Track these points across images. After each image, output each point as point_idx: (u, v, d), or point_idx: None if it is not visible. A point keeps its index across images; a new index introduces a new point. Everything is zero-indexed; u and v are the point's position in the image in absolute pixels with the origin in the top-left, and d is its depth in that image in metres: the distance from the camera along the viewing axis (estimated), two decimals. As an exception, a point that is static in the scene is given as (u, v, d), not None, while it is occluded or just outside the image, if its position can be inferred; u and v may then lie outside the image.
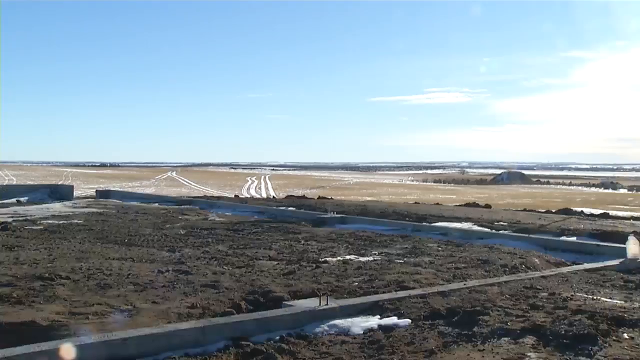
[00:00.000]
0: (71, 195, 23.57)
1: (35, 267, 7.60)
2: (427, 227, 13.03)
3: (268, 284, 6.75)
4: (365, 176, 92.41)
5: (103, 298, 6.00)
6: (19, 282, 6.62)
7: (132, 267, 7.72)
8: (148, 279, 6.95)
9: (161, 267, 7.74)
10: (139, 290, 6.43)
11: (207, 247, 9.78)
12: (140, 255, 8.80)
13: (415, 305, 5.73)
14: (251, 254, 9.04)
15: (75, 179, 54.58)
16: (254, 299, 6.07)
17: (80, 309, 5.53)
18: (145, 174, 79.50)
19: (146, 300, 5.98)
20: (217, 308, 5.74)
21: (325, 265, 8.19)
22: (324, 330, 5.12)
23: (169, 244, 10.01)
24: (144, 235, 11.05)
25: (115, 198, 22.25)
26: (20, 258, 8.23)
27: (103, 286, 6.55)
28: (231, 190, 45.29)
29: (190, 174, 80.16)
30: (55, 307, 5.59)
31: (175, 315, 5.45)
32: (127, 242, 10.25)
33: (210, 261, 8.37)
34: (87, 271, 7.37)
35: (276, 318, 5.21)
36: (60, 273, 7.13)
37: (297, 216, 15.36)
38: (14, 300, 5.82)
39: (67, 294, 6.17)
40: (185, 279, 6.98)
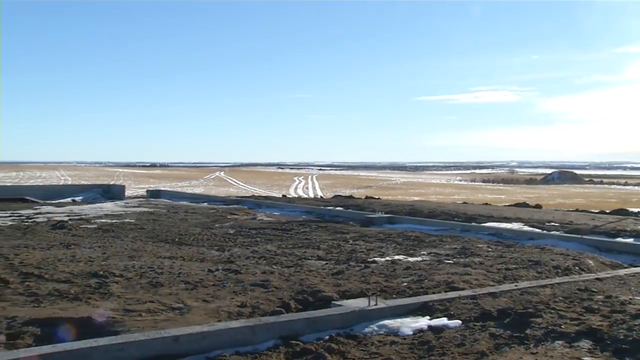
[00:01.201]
0: (123, 195, 24.10)
1: (91, 264, 7.80)
2: (476, 227, 12.85)
3: (317, 283, 6.76)
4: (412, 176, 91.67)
5: (155, 296, 6.10)
6: (76, 279, 6.82)
7: (183, 266, 7.85)
8: (198, 278, 7.05)
9: (211, 266, 7.85)
10: (189, 288, 6.52)
11: (256, 246, 9.87)
12: (191, 254, 8.93)
13: (466, 306, 5.65)
14: (300, 254, 9.08)
15: (127, 179, 55.74)
16: (303, 299, 6.09)
17: (133, 306, 5.64)
18: (193, 174, 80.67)
19: (197, 298, 6.06)
20: (267, 307, 5.77)
21: (374, 265, 8.16)
22: (373, 331, 5.09)
23: (219, 243, 10.13)
24: (193, 235, 11.21)
25: (165, 198, 22.64)
26: (76, 256, 8.47)
27: (155, 284, 6.67)
28: (278, 190, 45.55)
29: (238, 174, 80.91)
30: (110, 304, 5.72)
31: (226, 313, 5.50)
32: (177, 241, 10.42)
33: (259, 260, 8.44)
34: (139, 269, 7.52)
35: (325, 318, 5.20)
36: (114, 271, 7.31)
37: (344, 216, 15.35)
38: (71, 297, 5.99)
39: (120, 291, 6.31)
40: (234, 278, 7.06)
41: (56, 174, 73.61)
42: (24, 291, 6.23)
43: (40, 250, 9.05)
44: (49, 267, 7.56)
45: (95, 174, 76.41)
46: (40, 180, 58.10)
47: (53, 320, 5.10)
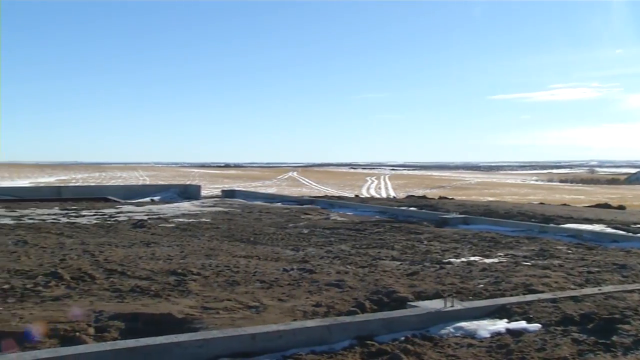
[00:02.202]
0: (199, 194, 24.67)
1: (169, 262, 8.03)
2: (555, 228, 12.46)
3: (392, 284, 6.73)
4: (486, 176, 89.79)
5: (232, 294, 6.22)
6: (156, 277, 7.04)
7: (258, 265, 7.97)
8: (274, 277, 7.14)
9: (286, 266, 7.93)
10: (265, 287, 6.61)
11: (330, 246, 9.91)
12: (266, 253, 9.05)
13: (545, 310, 5.49)
14: (374, 254, 9.06)
15: (202, 179, 57.00)
16: (378, 299, 6.07)
17: (211, 304, 5.76)
18: (267, 174, 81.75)
19: (272, 297, 6.14)
20: (342, 307, 5.78)
21: (449, 266, 8.05)
22: (450, 332, 5.02)
23: (293, 243, 10.23)
24: (268, 234, 11.36)
25: (239, 197, 23.02)
26: (156, 254, 8.74)
27: (231, 283, 6.80)
28: (351, 190, 45.56)
29: (311, 174, 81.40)
30: (189, 302, 5.87)
31: (301, 313, 5.55)
32: (252, 240, 10.59)
33: (333, 260, 8.47)
34: (216, 268, 7.69)
35: (401, 318, 5.16)
36: (191, 269, 7.50)
37: (418, 216, 15.20)
38: (152, 293, 6.18)
39: (198, 289, 6.46)
40: (309, 278, 7.11)
41: (135, 174, 76.12)
42: (108, 287, 6.48)
43: (123, 248, 9.39)
44: (131, 264, 7.83)
45: (171, 174, 78.57)
46: (120, 180, 60.25)
47: (136, 316, 5.27)
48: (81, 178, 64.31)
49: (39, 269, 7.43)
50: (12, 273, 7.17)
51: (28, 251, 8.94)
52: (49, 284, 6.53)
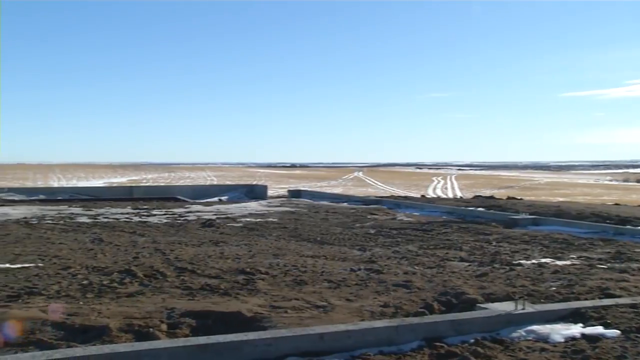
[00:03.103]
0: (265, 194, 24.98)
1: (238, 261, 8.16)
2: (632, 230, 11.99)
3: (460, 285, 6.63)
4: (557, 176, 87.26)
5: (300, 294, 6.26)
6: (225, 275, 7.17)
7: (326, 265, 8.00)
8: (341, 277, 7.15)
9: (353, 266, 7.93)
10: (332, 287, 6.63)
11: (397, 246, 9.85)
12: (333, 253, 9.08)
13: (625, 315, 5.29)
14: (442, 255, 8.95)
15: (268, 179, 57.55)
16: (447, 300, 5.99)
17: (279, 303, 5.82)
18: (332, 174, 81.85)
19: (340, 297, 6.15)
20: (410, 308, 5.74)
21: (520, 267, 7.87)
22: (521, 336, 4.91)
23: (360, 243, 10.22)
24: (335, 234, 11.39)
25: (306, 197, 23.17)
26: (224, 253, 8.90)
27: (299, 282, 6.85)
28: (417, 190, 45.09)
29: (376, 174, 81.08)
30: (257, 300, 5.94)
31: (369, 313, 5.53)
32: (319, 240, 10.63)
33: (400, 261, 8.42)
34: (283, 267, 7.76)
35: (471, 320, 5.08)
36: (259, 268, 7.60)
37: (486, 217, 14.92)
38: (221, 292, 6.30)
39: (267, 288, 6.54)
40: (377, 278, 7.09)
41: (203, 175, 77.60)
42: (179, 284, 6.64)
43: (192, 246, 9.60)
44: (200, 263, 8.00)
45: (238, 174, 79.70)
46: (189, 180, 61.53)
47: (206, 313, 5.38)
48: (151, 178, 66.05)
49: (114, 266, 7.69)
50: (90, 269, 7.45)
51: (104, 249, 9.26)
52: (124, 281, 6.75)
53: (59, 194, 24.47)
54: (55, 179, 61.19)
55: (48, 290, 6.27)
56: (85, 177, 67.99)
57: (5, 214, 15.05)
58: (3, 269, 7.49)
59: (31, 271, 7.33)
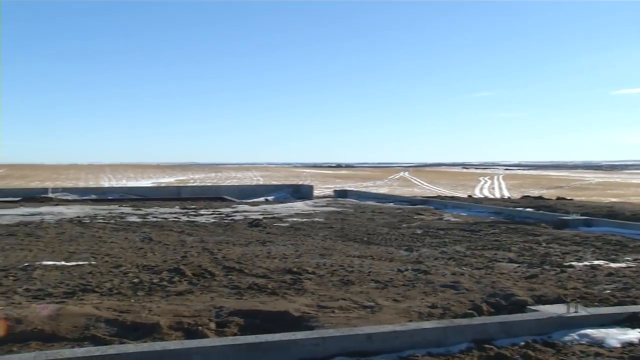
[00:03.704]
0: (311, 194, 25.05)
1: (285, 261, 8.20)
2: (690, 232, 11.60)
3: (510, 286, 6.52)
4: (609, 175, 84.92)
5: (347, 294, 6.26)
6: (272, 275, 7.22)
7: (372, 265, 7.97)
8: (388, 277, 7.12)
9: (400, 266, 7.89)
10: (380, 287, 6.61)
11: (444, 247, 9.75)
12: (379, 253, 9.05)
13: (684, 320, 5.12)
14: (490, 256, 8.82)
15: (313, 179, 57.65)
16: (495, 302, 5.90)
17: (326, 303, 5.82)
18: (378, 174, 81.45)
19: (387, 297, 6.12)
20: (458, 309, 5.68)
21: (571, 269, 7.70)
22: (574, 340, 4.79)
23: (407, 243, 10.16)
24: (381, 234, 11.35)
25: (351, 197, 23.15)
26: (271, 252, 8.96)
27: (346, 282, 6.85)
28: (463, 190, 44.52)
29: (422, 174, 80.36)
30: (304, 300, 5.96)
31: (416, 314, 5.49)
32: (366, 240, 10.61)
33: (448, 261, 8.33)
34: (330, 267, 7.77)
35: (521, 322, 4.99)
36: (306, 268, 7.62)
37: (535, 217, 14.65)
38: (269, 291, 6.34)
39: (314, 288, 6.55)
40: (424, 279, 7.04)
41: (249, 175, 78.23)
42: (227, 284, 6.71)
43: (240, 246, 9.69)
44: (248, 262, 8.07)
45: (284, 174, 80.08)
46: (235, 180, 62.07)
47: (254, 312, 5.41)
48: (198, 178, 66.88)
49: (164, 265, 7.83)
50: (140, 268, 7.60)
51: (153, 248, 9.43)
52: (173, 280, 6.86)
53: (110, 193, 25.05)
54: (105, 179, 62.58)
55: (101, 287, 6.42)
56: (135, 177, 69.34)
57: (60, 213, 15.49)
58: (59, 266, 7.71)
59: (85, 269, 7.52)
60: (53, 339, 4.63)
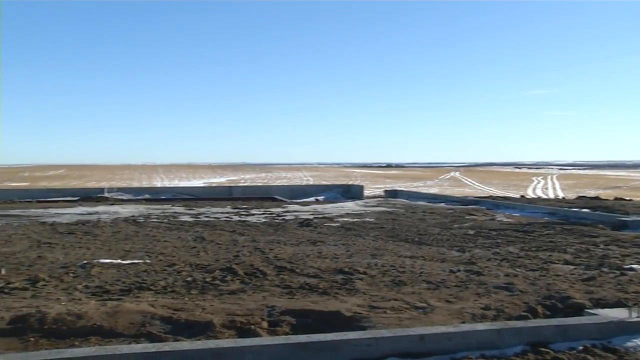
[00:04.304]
0: (361, 194, 25.00)
1: (336, 261, 8.21)
2: None
3: (566, 289, 6.37)
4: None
5: (398, 294, 6.22)
6: (324, 275, 7.23)
7: (424, 266, 7.90)
8: (440, 278, 7.05)
9: (452, 267, 7.80)
10: (432, 288, 6.54)
11: (497, 248, 9.59)
12: (431, 254, 8.96)
13: None
14: (544, 257, 8.63)
15: (363, 179, 57.57)
16: (551, 304, 5.76)
17: (378, 303, 5.80)
18: (428, 174, 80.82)
19: (439, 298, 6.05)
20: (512, 311, 5.57)
21: (632, 272, 7.46)
22: (637, 346, 4.62)
23: (458, 244, 10.03)
24: (432, 235, 11.24)
25: (402, 197, 23.02)
26: (322, 252, 8.98)
27: (398, 283, 6.80)
28: (516, 190, 43.76)
29: (473, 174, 79.36)
30: (356, 300, 5.95)
31: (469, 315, 5.42)
32: (417, 240, 10.53)
33: (501, 262, 8.19)
34: (381, 267, 7.74)
35: (579, 326, 4.86)
36: (358, 268, 7.61)
37: (592, 218, 14.27)
38: (320, 291, 6.36)
39: (365, 288, 6.54)
40: (477, 280, 6.94)
41: (299, 175, 78.63)
42: (279, 283, 6.75)
43: (291, 246, 9.74)
44: (299, 262, 8.10)
45: (334, 174, 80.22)
46: (285, 180, 62.47)
47: (306, 312, 5.43)
48: (249, 178, 67.59)
49: (216, 264, 7.93)
50: (193, 267, 7.72)
51: (206, 247, 9.57)
52: (226, 279, 6.94)
53: (163, 193, 25.54)
54: (158, 180, 63.84)
55: (156, 285, 6.55)
56: (187, 177, 70.53)
57: (115, 212, 15.88)
58: (115, 264, 7.90)
59: (140, 267, 7.68)
60: (111, 334, 4.75)
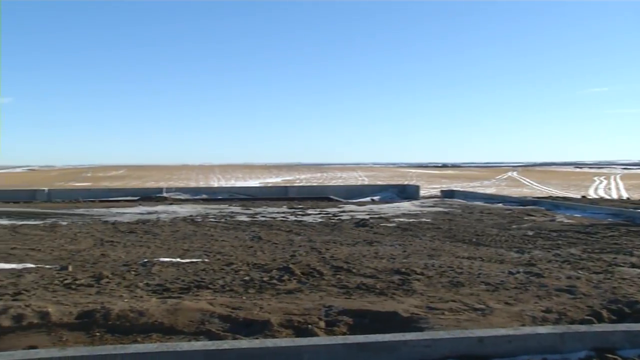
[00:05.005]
0: (417, 194, 24.82)
1: (393, 262, 8.16)
2: None
3: (633, 293, 6.16)
4: None
5: (456, 295, 6.14)
6: (380, 275, 7.20)
7: (482, 267, 7.78)
8: (499, 280, 6.92)
9: (511, 268, 7.65)
10: (490, 290, 6.43)
11: (557, 249, 9.36)
12: (489, 255, 8.81)
13: None
14: (609, 260, 8.37)
15: (419, 179, 57.10)
16: (617, 309, 5.58)
17: (436, 304, 5.74)
18: (485, 174, 79.54)
19: (498, 300, 5.95)
20: (574, 315, 5.43)
21: (702, 276, 7.17)
22: None
23: (517, 245, 9.84)
24: (490, 235, 11.06)
25: (459, 198, 22.74)
26: (379, 253, 8.95)
27: (455, 284, 6.72)
28: (576, 190, 42.61)
29: (532, 174, 77.72)
30: (413, 301, 5.90)
31: (530, 318, 5.31)
32: (474, 241, 10.37)
33: (562, 264, 7.99)
34: (439, 268, 7.66)
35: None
36: (414, 269, 7.55)
37: (659, 220, 13.77)
38: (377, 291, 6.33)
39: (422, 289, 6.48)
40: (537, 282, 6.78)
41: (354, 175, 78.54)
42: (336, 283, 6.76)
43: (347, 246, 9.74)
44: (355, 262, 8.09)
45: (389, 174, 79.82)
46: (340, 180, 62.49)
47: (363, 312, 5.42)
48: (304, 178, 67.91)
49: (273, 263, 7.99)
50: (250, 266, 7.80)
51: (262, 246, 9.66)
52: (283, 278, 6.99)
53: (219, 193, 25.91)
54: (215, 179, 64.82)
55: (214, 284, 6.64)
56: (243, 177, 71.40)
57: (174, 211, 16.20)
58: (175, 262, 8.06)
59: (199, 266, 7.81)
60: (171, 331, 4.84)
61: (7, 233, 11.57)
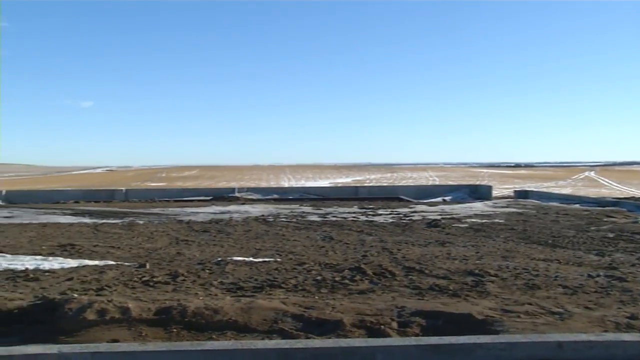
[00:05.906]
0: (490, 195, 24.35)
1: (466, 263, 8.03)
2: None
3: None
4: None
5: (532, 298, 5.98)
6: (453, 276, 7.10)
7: (559, 269, 7.55)
8: (577, 283, 6.71)
9: (591, 271, 7.40)
10: (568, 293, 6.24)
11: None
12: (566, 257, 8.55)
13: None
14: (696, 263, 7.98)
15: (491, 179, 56.00)
16: None
17: (511, 307, 5.61)
18: (560, 174, 77.23)
19: (577, 304, 5.76)
20: (662, 322, 5.19)
21: None
22: None
23: (597, 247, 9.50)
24: (567, 237, 10.73)
25: (533, 198, 22.17)
26: (451, 253, 8.82)
27: (531, 286, 6.55)
28: (660, 191, 40.77)
29: (611, 174, 74.94)
30: (487, 303, 5.79)
31: (612, 324, 5.10)
32: (550, 243, 10.08)
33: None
34: (513, 270, 7.48)
35: None
36: (488, 270, 7.40)
37: None
38: (450, 293, 6.24)
39: (497, 291, 6.34)
40: (620, 286, 6.53)
41: (425, 175, 77.75)
42: (408, 284, 6.71)
43: (419, 246, 9.65)
44: (428, 263, 8.01)
45: (460, 174, 78.61)
46: (411, 180, 62.00)
47: (436, 314, 5.35)
48: (374, 178, 67.71)
49: (345, 263, 8.00)
50: (322, 266, 7.83)
51: (334, 246, 9.69)
52: (355, 278, 6.99)
53: (290, 193, 26.16)
54: (285, 180, 65.51)
55: (287, 283, 6.71)
56: (313, 177, 71.84)
57: (246, 211, 16.48)
58: (248, 261, 8.19)
59: (271, 265, 7.91)
60: (245, 329, 4.92)
61: (90, 231, 12.06)
